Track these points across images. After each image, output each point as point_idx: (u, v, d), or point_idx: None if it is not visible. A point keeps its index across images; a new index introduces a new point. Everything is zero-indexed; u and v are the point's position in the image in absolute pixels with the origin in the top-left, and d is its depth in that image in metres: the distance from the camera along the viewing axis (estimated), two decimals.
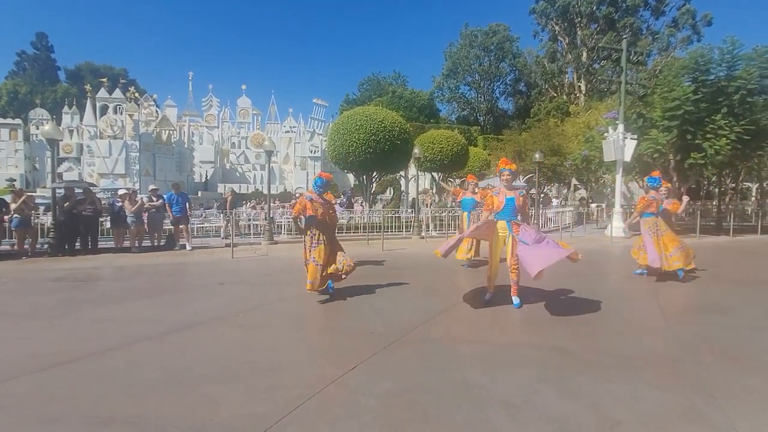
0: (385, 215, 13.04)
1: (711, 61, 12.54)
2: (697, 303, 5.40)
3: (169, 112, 37.28)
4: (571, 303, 5.40)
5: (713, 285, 6.71)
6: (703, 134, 12.18)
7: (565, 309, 5.08)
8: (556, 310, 5.02)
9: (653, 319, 4.73)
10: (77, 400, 2.76)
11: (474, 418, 2.55)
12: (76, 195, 9.93)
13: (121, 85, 36.78)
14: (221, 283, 6.60)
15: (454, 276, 7.29)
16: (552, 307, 5.12)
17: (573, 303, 5.40)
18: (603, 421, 2.53)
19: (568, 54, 44.53)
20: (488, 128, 49.40)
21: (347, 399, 2.80)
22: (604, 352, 3.68)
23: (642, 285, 6.67)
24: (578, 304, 5.36)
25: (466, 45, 52.38)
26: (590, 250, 10.99)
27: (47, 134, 9.73)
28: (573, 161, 17.92)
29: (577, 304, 5.32)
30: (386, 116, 14.94)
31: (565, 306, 5.23)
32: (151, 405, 2.69)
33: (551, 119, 31.49)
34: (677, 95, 12.22)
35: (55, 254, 9.09)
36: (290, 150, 39.38)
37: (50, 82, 59.17)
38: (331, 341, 3.90)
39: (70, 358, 3.45)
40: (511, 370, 3.25)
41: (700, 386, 3.01)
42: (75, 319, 4.62)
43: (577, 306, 5.24)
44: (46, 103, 45.61)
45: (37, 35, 62.26)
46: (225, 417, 2.55)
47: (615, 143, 13.30)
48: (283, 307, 5.19)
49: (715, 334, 4.19)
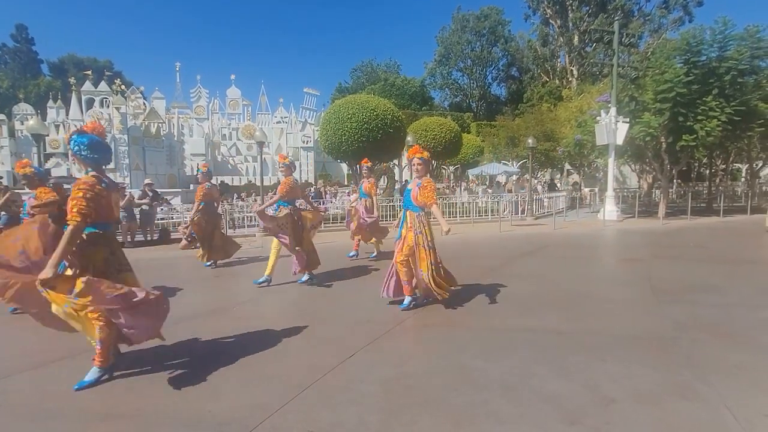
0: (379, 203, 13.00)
1: (702, 42, 12.48)
2: (689, 283, 5.49)
3: (157, 104, 36.51)
4: (566, 286, 5.47)
5: (705, 265, 6.83)
6: (695, 116, 12.20)
7: (560, 292, 5.14)
8: (551, 293, 5.09)
9: (646, 299, 4.81)
10: (74, 396, 2.75)
11: (472, 401, 2.59)
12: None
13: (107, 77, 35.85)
14: (216, 276, 6.58)
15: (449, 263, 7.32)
16: (547, 291, 5.18)
17: (568, 286, 5.47)
18: (598, 399, 2.59)
19: (560, 37, 44.19)
20: (481, 114, 49.17)
21: (347, 386, 2.82)
22: (598, 332, 3.74)
23: (636, 267, 6.76)
24: (573, 287, 5.43)
25: (458, 29, 51.71)
26: (584, 234, 11.10)
27: (32, 130, 9.53)
28: (566, 146, 17.95)
29: (571, 288, 5.39)
30: (378, 104, 14.78)
31: (560, 289, 5.30)
32: (149, 399, 2.70)
33: (544, 104, 31.39)
34: (669, 77, 12.20)
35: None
36: (282, 140, 38.93)
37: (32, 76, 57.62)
38: (328, 330, 3.92)
39: (64, 354, 3.44)
40: (508, 353, 3.29)
41: (692, 363, 3.08)
42: None
43: (572, 289, 5.31)
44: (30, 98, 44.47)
45: (16, 27, 60.31)
46: (225, 407, 2.57)
47: (607, 127, 13.31)
48: (279, 297, 5.19)
49: (706, 312, 4.27)
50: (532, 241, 9.54)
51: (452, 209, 13.87)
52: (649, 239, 9.88)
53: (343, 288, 5.56)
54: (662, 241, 9.56)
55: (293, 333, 3.90)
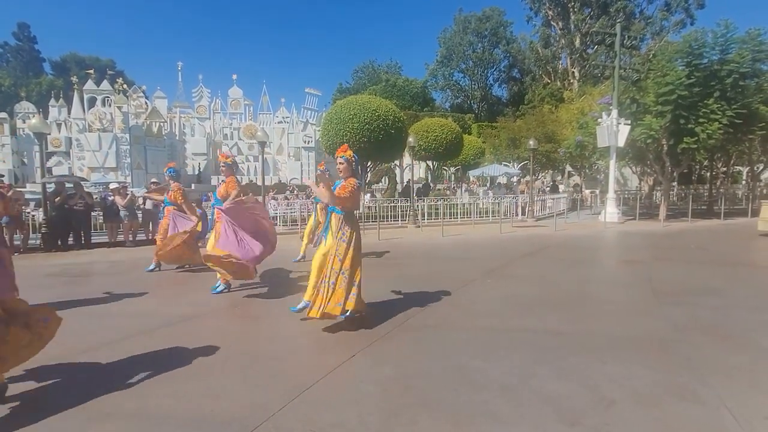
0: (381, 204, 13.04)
1: (704, 45, 12.49)
2: (690, 285, 5.49)
3: (159, 103, 36.63)
4: (566, 287, 5.48)
5: (705, 267, 6.83)
6: (696, 119, 12.21)
7: (560, 294, 5.15)
8: (551, 294, 5.09)
9: (647, 301, 4.82)
10: (77, 394, 2.76)
11: (472, 401, 2.60)
12: (66, 190, 9.80)
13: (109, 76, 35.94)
14: None
15: (450, 264, 7.34)
16: (547, 292, 5.19)
17: (568, 287, 5.48)
18: (598, 400, 2.60)
19: (562, 39, 44.24)
20: (482, 116, 49.19)
21: (347, 386, 2.83)
22: (598, 334, 3.75)
23: (636, 269, 6.77)
24: (573, 288, 5.44)
25: (459, 31, 51.77)
26: (584, 235, 11.11)
27: (34, 128, 9.55)
28: (567, 148, 17.95)
29: (572, 289, 5.40)
30: (380, 105, 14.79)
31: (561, 291, 5.31)
32: (151, 398, 2.71)
33: (545, 106, 31.42)
34: (670, 80, 12.21)
35: (49, 250, 9.01)
36: (283, 140, 38.99)
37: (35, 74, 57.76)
38: (329, 330, 3.93)
39: (67, 352, 3.45)
40: (508, 354, 3.30)
41: (692, 365, 3.08)
42: (72, 314, 4.60)
43: (572, 290, 5.32)
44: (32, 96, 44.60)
45: (18, 25, 60.49)
46: (226, 407, 2.58)
47: (609, 129, 13.32)
48: (280, 297, 5.20)
49: (706, 314, 4.28)
50: (533, 243, 9.55)
51: (453, 210, 13.88)
52: (650, 241, 9.88)
53: None
54: (663, 243, 9.56)
55: (294, 333, 3.92)
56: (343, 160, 4.10)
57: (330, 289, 3.84)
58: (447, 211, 13.03)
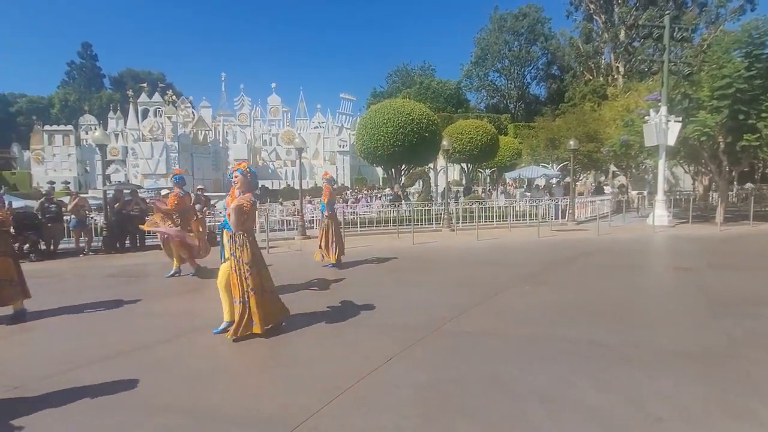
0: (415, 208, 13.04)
1: (766, 33, 11.55)
2: (748, 296, 5.09)
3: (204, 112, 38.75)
4: (609, 296, 5.25)
5: (766, 277, 6.29)
6: (758, 113, 11.30)
7: (602, 302, 4.94)
8: (593, 303, 4.90)
9: (699, 312, 4.52)
10: (135, 389, 3.00)
11: (509, 411, 2.58)
12: (124, 196, 10.62)
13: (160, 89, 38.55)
14: None
15: (486, 269, 7.23)
16: (589, 300, 5.00)
17: (611, 296, 5.24)
18: (643, 416, 2.49)
19: (605, 33, 42.14)
20: (519, 116, 47.85)
21: (382, 391, 2.89)
22: (643, 345, 3.57)
23: (688, 278, 6.35)
24: (617, 297, 5.20)
25: (495, 29, 50.71)
26: (631, 239, 10.54)
27: (97, 140, 10.43)
28: (611, 147, 17.09)
29: (615, 298, 5.16)
30: (414, 108, 14.85)
31: (603, 299, 5.09)
32: (201, 395, 2.89)
33: (587, 103, 30.05)
34: (728, 72, 11.37)
35: (109, 252, 9.79)
36: (319, 145, 39.96)
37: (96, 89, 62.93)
38: (364, 335, 4.01)
39: (126, 349, 3.75)
40: (546, 363, 3.23)
41: (748, 382, 2.88)
42: (129, 313, 4.99)
43: (616, 299, 5.09)
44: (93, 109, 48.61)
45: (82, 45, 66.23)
46: (268, 407, 2.72)
47: (657, 126, 12.57)
48: (316, 301, 5.36)
49: (765, 327, 3.96)
50: (574, 247, 9.19)
51: (489, 213, 13.63)
52: (704, 246, 9.22)
53: (378, 294, 5.64)
54: (719, 249, 8.89)
55: (330, 338, 4.02)
56: (239, 174, 3.96)
57: (245, 309, 3.82)
58: (482, 214, 12.81)
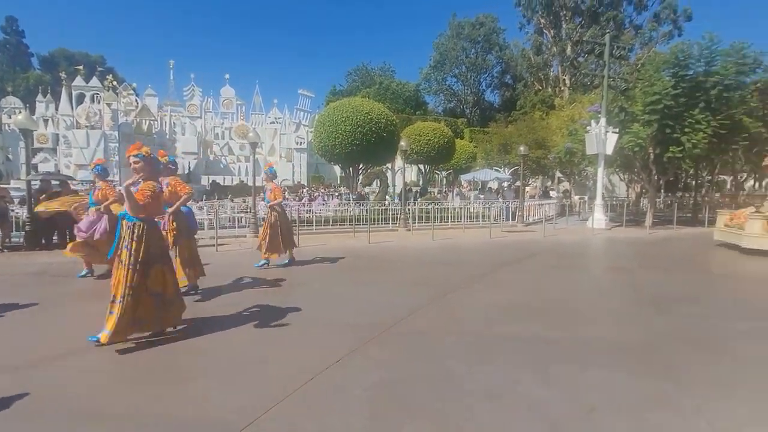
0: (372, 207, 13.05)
1: (690, 57, 12.81)
2: (672, 293, 5.61)
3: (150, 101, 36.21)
4: (552, 295, 5.55)
5: (688, 276, 6.98)
6: (682, 128, 12.50)
7: (547, 301, 5.21)
8: (538, 302, 5.16)
9: (630, 309, 4.91)
10: (63, 396, 2.73)
11: (457, 407, 2.63)
12: (52, 187, 9.63)
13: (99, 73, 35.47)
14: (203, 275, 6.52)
15: (439, 269, 7.38)
16: (534, 299, 5.25)
17: (554, 295, 5.55)
18: (579, 406, 2.64)
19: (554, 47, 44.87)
20: (475, 121, 49.62)
21: (332, 391, 2.84)
22: (582, 341, 3.81)
23: (621, 277, 6.89)
24: (560, 295, 5.51)
25: (453, 36, 52.22)
26: (572, 242, 11.25)
27: (21, 124, 9.36)
28: (557, 154, 18.19)
29: (558, 296, 5.47)
30: (373, 108, 14.87)
31: (547, 298, 5.37)
32: (139, 401, 2.68)
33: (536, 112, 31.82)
34: (658, 89, 12.48)
35: (32, 248, 8.83)
36: (275, 141, 38.83)
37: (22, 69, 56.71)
38: (315, 334, 3.92)
39: (53, 354, 3.39)
40: (493, 360, 3.34)
41: (671, 373, 3.15)
42: (56, 315, 4.52)
43: (559, 298, 5.39)
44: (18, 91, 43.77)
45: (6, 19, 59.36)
46: (212, 411, 2.57)
47: (597, 136, 13.55)
48: (266, 300, 5.17)
49: (686, 323, 4.37)
50: (522, 248, 9.64)
51: (444, 214, 13.96)
52: (637, 248, 10.05)
53: (330, 292, 5.57)
54: (649, 251, 9.74)
55: (279, 337, 3.90)
56: (139, 159, 3.50)
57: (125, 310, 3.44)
58: (438, 215, 13.10)
